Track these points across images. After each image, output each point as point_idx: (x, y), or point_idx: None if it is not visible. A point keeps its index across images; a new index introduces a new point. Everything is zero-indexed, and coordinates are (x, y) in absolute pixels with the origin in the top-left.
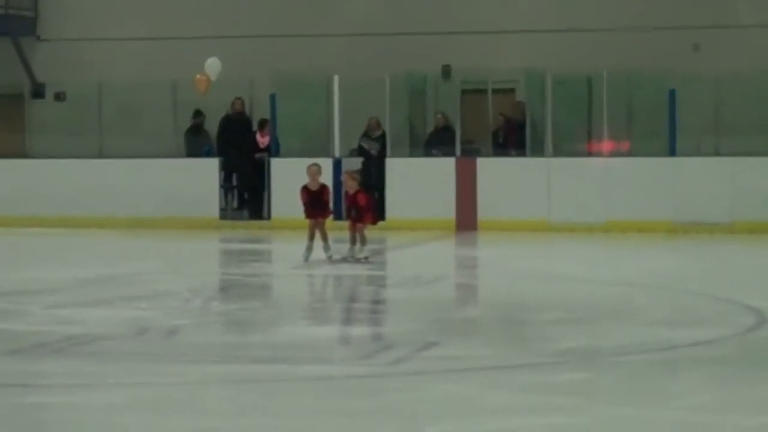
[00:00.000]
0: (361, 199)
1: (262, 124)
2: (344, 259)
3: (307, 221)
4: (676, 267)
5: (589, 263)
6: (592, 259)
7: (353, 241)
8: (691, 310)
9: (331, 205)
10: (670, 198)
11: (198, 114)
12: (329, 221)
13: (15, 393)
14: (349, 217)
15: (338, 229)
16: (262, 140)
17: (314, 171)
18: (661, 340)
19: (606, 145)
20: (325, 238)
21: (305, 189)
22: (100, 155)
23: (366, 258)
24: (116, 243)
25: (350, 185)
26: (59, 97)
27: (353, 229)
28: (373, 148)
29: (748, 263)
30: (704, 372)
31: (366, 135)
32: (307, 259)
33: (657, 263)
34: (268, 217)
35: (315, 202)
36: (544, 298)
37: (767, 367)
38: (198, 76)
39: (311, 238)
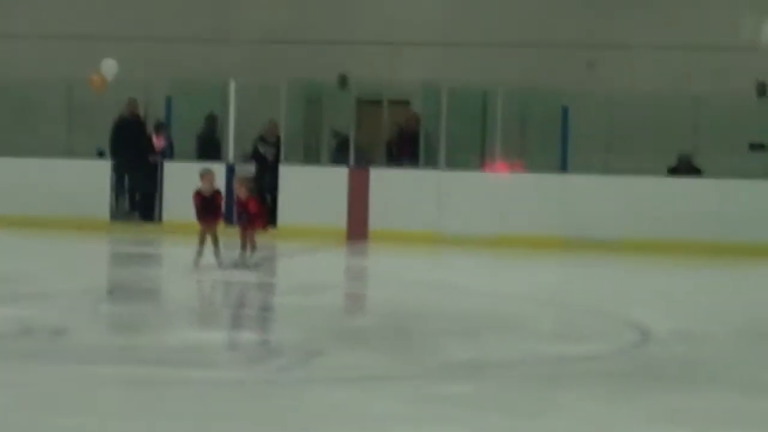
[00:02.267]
0: (252, 206)
1: (158, 127)
2: (234, 265)
3: (198, 226)
4: (565, 282)
5: (479, 275)
6: (481, 272)
7: (244, 247)
8: (578, 324)
9: (222, 209)
10: (561, 213)
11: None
12: (220, 226)
13: None
14: (240, 222)
15: (229, 235)
16: (157, 143)
17: (209, 177)
18: (548, 353)
19: (500, 167)
20: (216, 243)
21: (198, 194)
22: None
23: (256, 264)
24: (4, 241)
25: (242, 192)
26: None
27: (244, 236)
28: (269, 153)
29: (636, 280)
30: (590, 385)
31: (262, 139)
32: (197, 264)
33: (546, 277)
34: (160, 220)
35: (208, 207)
36: (432, 309)
37: (651, 382)
38: (93, 76)
39: (202, 243)
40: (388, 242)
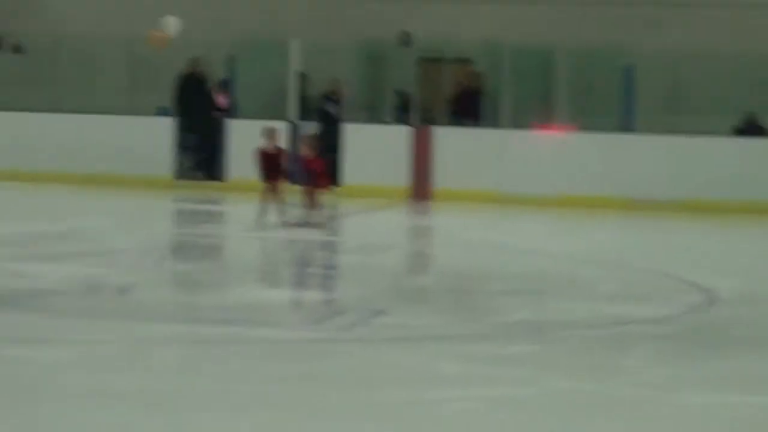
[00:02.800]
0: (317, 165)
1: (222, 84)
2: (298, 224)
3: (263, 184)
4: (628, 243)
5: (541, 236)
6: (544, 233)
7: (308, 206)
8: (640, 286)
9: (286, 167)
10: (625, 174)
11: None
12: (284, 185)
13: None
14: (304, 181)
15: (293, 194)
16: (220, 101)
17: (272, 135)
18: (610, 315)
19: (561, 122)
20: (281, 201)
21: (261, 151)
22: (56, 109)
23: (320, 223)
24: (68, 199)
25: (306, 151)
26: (17, 49)
27: (308, 195)
28: (336, 111)
29: (700, 242)
30: (651, 348)
31: (327, 97)
32: (261, 222)
33: (609, 238)
34: (225, 179)
35: (271, 164)
36: (494, 270)
37: (714, 346)
38: (155, 32)
39: (265, 201)
40: (450, 202)
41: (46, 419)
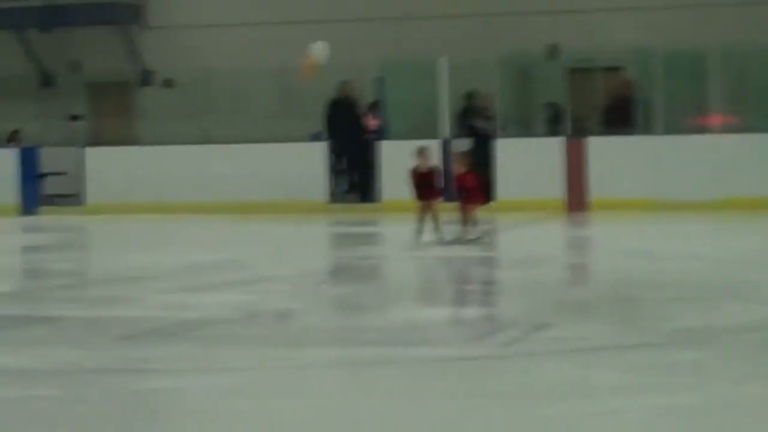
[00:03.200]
0: (469, 181)
1: (372, 106)
2: (455, 241)
3: (417, 203)
4: None
5: (702, 241)
6: (704, 237)
7: (464, 223)
8: None
9: (440, 185)
10: None
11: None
12: (439, 203)
13: (128, 378)
14: (458, 198)
15: (448, 211)
16: (371, 123)
17: (424, 154)
18: None
19: (714, 119)
20: (436, 219)
21: (414, 171)
22: (208, 141)
23: (477, 239)
24: (225, 228)
25: (459, 167)
26: (168, 83)
27: (463, 212)
28: (486, 127)
29: None
30: None
31: (478, 113)
32: (417, 241)
33: None
34: (379, 200)
35: (424, 183)
36: (656, 277)
37: None
38: (305, 60)
39: (421, 220)
40: (607, 211)
41: None
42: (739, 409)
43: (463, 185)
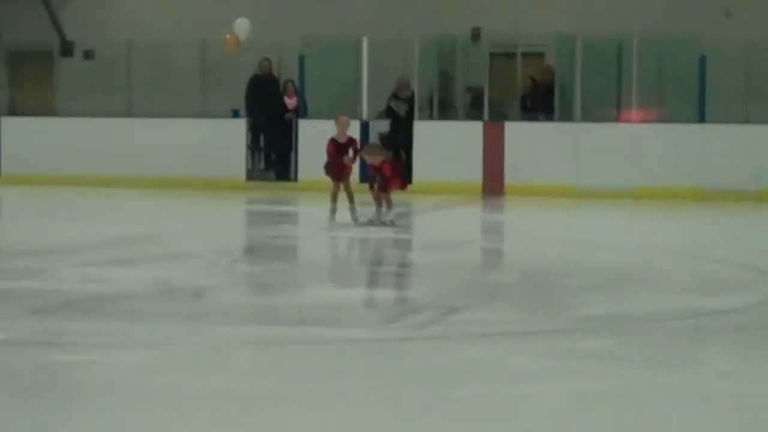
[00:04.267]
0: (386, 170)
1: (290, 85)
2: (370, 222)
3: (331, 183)
4: (703, 234)
5: (616, 229)
6: (618, 226)
7: (379, 204)
8: (717, 277)
9: (356, 157)
10: (699, 165)
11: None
12: (354, 183)
13: (41, 351)
14: (372, 186)
15: (364, 192)
16: (290, 102)
17: (343, 122)
18: (687, 307)
19: (635, 114)
20: (351, 199)
21: (332, 141)
22: (128, 114)
23: (392, 221)
24: (142, 202)
25: (374, 159)
26: (88, 55)
27: (378, 196)
28: (401, 109)
29: None
30: (730, 340)
31: (395, 96)
32: (332, 220)
33: (684, 230)
34: (295, 179)
35: (339, 155)
36: (570, 264)
37: None
38: (227, 36)
39: (334, 200)
40: (523, 197)
41: (122, 422)
42: (649, 395)
43: (380, 173)
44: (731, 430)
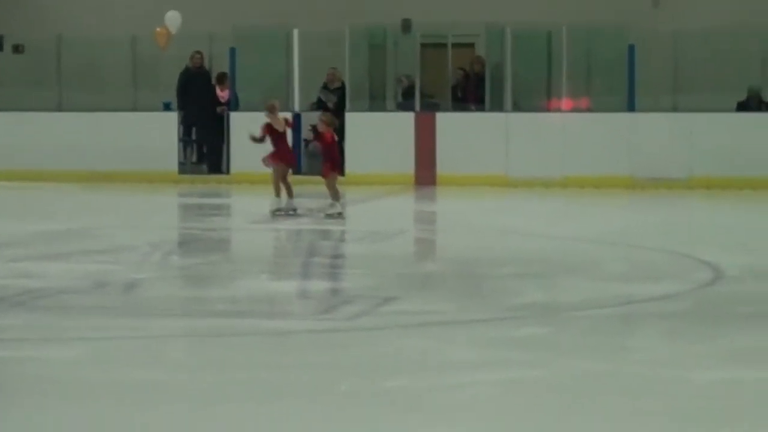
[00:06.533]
0: (329, 137)
1: (221, 78)
2: (307, 213)
3: (272, 175)
4: (634, 222)
5: (547, 218)
6: (549, 215)
7: (330, 195)
8: (648, 265)
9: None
10: (629, 154)
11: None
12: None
13: None
14: (322, 161)
15: (301, 183)
16: (222, 94)
17: (276, 106)
18: (619, 295)
19: (565, 103)
20: (289, 191)
21: (269, 126)
22: (59, 108)
23: (339, 214)
24: (74, 197)
25: (323, 128)
26: (17, 49)
27: (326, 180)
28: (330, 101)
29: (705, 219)
30: (661, 327)
31: (325, 87)
32: (271, 212)
33: (614, 219)
34: (227, 172)
35: (280, 140)
36: (502, 253)
37: (723, 323)
38: (158, 29)
39: (278, 192)
40: (455, 187)
41: (61, 416)
42: (582, 383)
43: (326, 143)
44: (662, 417)
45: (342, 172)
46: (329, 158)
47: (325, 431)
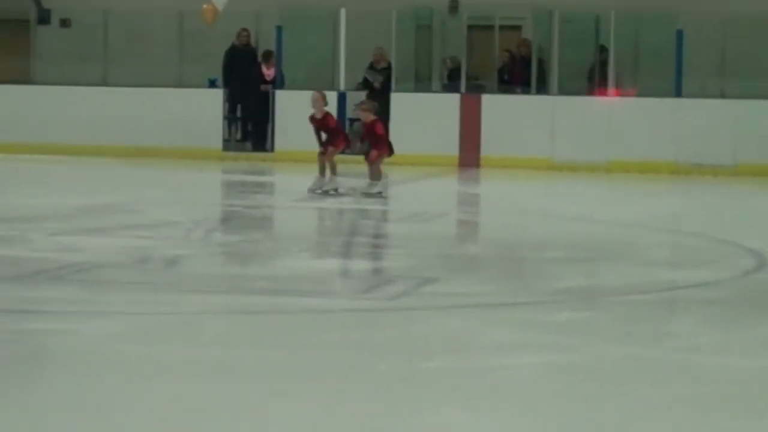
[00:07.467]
0: (379, 128)
1: (267, 56)
2: (353, 193)
3: (317, 155)
4: (678, 208)
5: (591, 203)
6: (593, 199)
7: (369, 176)
8: (691, 251)
9: (337, 131)
10: (674, 139)
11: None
12: (335, 153)
13: (14, 319)
14: (368, 147)
15: (344, 162)
16: (267, 72)
17: (316, 97)
18: (661, 280)
19: (612, 92)
20: (333, 170)
21: (312, 117)
22: (105, 83)
23: (379, 193)
24: (118, 172)
25: (365, 115)
26: (64, 23)
27: (369, 161)
28: (377, 80)
29: (750, 206)
30: (703, 313)
31: (371, 67)
32: (315, 191)
33: (659, 204)
34: (272, 149)
35: (320, 130)
36: (544, 237)
37: (766, 311)
38: (205, 6)
39: (322, 171)
40: (499, 169)
41: (97, 391)
42: (621, 368)
43: (374, 132)
44: (701, 403)
45: (391, 152)
46: (379, 145)
47: (363, 411)
